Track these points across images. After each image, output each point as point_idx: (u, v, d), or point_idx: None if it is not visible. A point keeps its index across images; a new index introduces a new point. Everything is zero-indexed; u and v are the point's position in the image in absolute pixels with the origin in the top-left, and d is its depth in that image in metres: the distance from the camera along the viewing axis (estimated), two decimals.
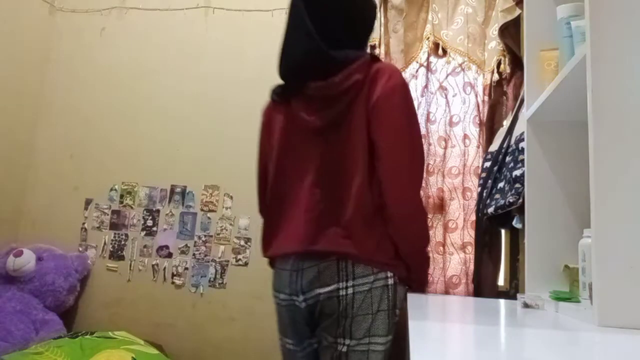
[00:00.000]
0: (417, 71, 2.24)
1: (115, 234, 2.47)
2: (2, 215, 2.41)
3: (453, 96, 2.19)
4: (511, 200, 1.65)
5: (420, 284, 1.35)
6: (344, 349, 1.14)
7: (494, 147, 1.99)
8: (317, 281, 1.17)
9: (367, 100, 1.14)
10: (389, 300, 1.16)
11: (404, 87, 1.17)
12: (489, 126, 2.10)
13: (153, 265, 2.40)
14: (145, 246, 2.42)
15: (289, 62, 1.25)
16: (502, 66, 2.09)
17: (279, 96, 1.32)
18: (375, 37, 2.16)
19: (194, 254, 2.37)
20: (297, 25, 1.21)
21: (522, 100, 1.63)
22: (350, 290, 1.14)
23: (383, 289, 1.16)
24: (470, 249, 2.03)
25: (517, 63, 2.05)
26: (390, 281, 1.18)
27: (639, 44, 0.85)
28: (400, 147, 1.13)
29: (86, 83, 2.62)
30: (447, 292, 2.01)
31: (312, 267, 1.18)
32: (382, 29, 2.22)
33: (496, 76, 2.11)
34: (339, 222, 1.16)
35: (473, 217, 2.04)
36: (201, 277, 2.34)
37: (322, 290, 1.16)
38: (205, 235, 2.38)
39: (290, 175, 1.27)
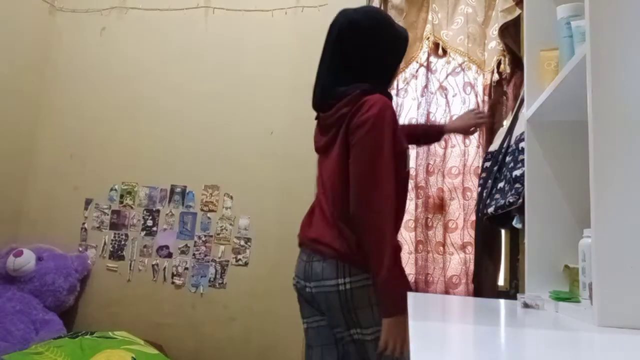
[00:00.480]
0: (417, 71, 2.25)
1: (115, 234, 2.47)
2: (2, 215, 2.42)
3: (453, 96, 2.19)
4: (511, 200, 1.65)
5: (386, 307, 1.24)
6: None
7: (494, 147, 1.99)
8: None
9: (347, 129, 1.31)
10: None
11: (377, 118, 1.27)
12: (489, 126, 2.10)
13: (153, 265, 2.40)
14: (145, 246, 2.43)
15: (314, 92, 1.46)
16: (502, 66, 2.10)
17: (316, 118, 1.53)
18: None
19: (194, 254, 2.37)
20: (322, 59, 1.44)
21: (522, 100, 1.63)
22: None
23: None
24: (470, 249, 2.03)
25: (517, 63, 2.05)
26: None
27: (639, 44, 0.85)
28: (359, 174, 1.27)
29: (86, 83, 2.62)
30: (447, 292, 2.01)
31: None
32: None
33: (496, 76, 2.11)
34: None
35: (473, 217, 2.04)
36: (201, 277, 2.34)
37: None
38: (205, 235, 2.38)
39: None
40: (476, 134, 2.10)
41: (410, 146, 1.51)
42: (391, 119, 1.29)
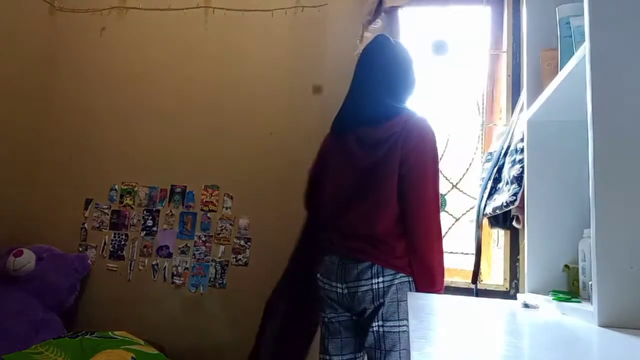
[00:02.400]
0: None
1: (115, 234, 2.47)
2: (2, 215, 2.41)
3: None
4: (510, 200, 1.65)
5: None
6: None
7: (494, 147, 1.99)
8: None
9: (402, 147, 1.43)
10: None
11: (433, 149, 1.47)
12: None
13: (153, 265, 2.40)
14: (145, 246, 2.43)
15: (359, 105, 1.58)
16: None
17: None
18: None
19: (194, 254, 2.37)
20: (365, 79, 1.60)
21: (522, 101, 1.63)
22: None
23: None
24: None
25: None
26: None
27: (639, 44, 0.85)
28: (423, 188, 1.44)
29: (86, 83, 2.62)
30: (447, 292, 2.01)
31: None
32: None
33: None
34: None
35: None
36: (201, 277, 2.34)
37: None
38: (205, 235, 2.38)
39: None
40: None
41: None
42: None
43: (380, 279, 1.41)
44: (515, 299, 1.13)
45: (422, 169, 1.43)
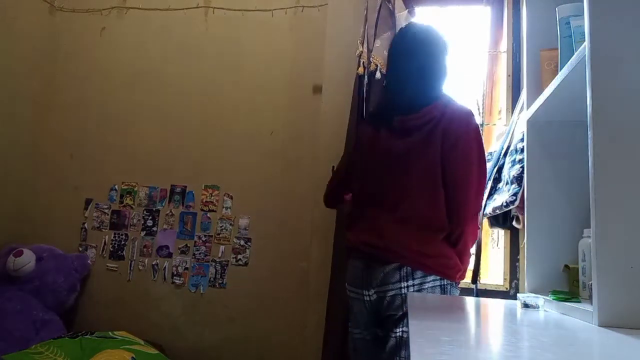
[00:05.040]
0: None
1: (115, 234, 2.47)
2: (2, 215, 2.41)
3: None
4: (510, 200, 1.65)
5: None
6: None
7: (494, 147, 1.99)
8: None
9: (443, 136, 1.37)
10: None
11: (477, 132, 1.43)
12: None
13: (153, 265, 2.40)
14: (145, 246, 2.43)
15: (399, 93, 1.52)
16: None
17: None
18: None
19: (194, 254, 2.37)
20: (400, 67, 1.52)
21: (522, 101, 1.63)
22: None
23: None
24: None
25: None
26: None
27: (638, 44, 0.85)
28: (469, 178, 1.39)
29: (86, 83, 2.62)
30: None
31: None
32: None
33: None
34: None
35: None
36: (201, 277, 2.34)
37: None
38: (205, 235, 2.38)
39: None
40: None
41: None
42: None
43: (410, 282, 1.34)
44: (515, 299, 1.13)
45: (466, 150, 1.37)
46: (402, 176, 1.41)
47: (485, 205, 1.88)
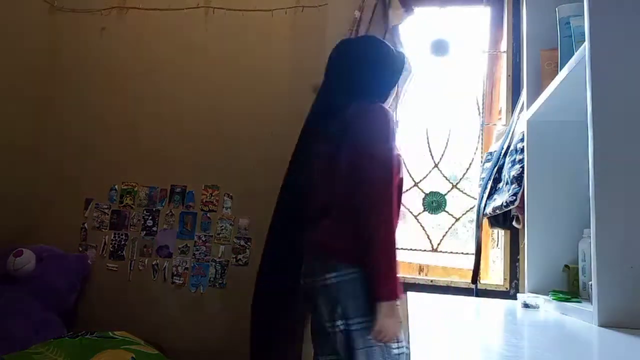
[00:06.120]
0: None
1: (115, 234, 2.46)
2: (2, 215, 2.41)
3: None
4: (510, 200, 1.65)
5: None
6: None
7: (494, 147, 1.99)
8: None
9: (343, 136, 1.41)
10: None
11: (374, 118, 1.41)
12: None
13: (153, 265, 2.40)
14: (145, 246, 2.42)
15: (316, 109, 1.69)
16: None
17: None
18: None
19: (194, 254, 2.37)
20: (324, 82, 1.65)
21: (522, 101, 1.63)
22: None
23: None
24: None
25: None
26: None
27: (639, 44, 0.85)
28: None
29: (86, 83, 2.62)
30: (447, 292, 2.01)
31: None
32: None
33: None
34: None
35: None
36: (201, 277, 2.34)
37: None
38: (205, 235, 2.38)
39: None
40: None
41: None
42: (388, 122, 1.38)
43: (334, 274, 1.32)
44: (515, 299, 1.13)
45: (359, 147, 1.34)
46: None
47: (485, 205, 1.88)
